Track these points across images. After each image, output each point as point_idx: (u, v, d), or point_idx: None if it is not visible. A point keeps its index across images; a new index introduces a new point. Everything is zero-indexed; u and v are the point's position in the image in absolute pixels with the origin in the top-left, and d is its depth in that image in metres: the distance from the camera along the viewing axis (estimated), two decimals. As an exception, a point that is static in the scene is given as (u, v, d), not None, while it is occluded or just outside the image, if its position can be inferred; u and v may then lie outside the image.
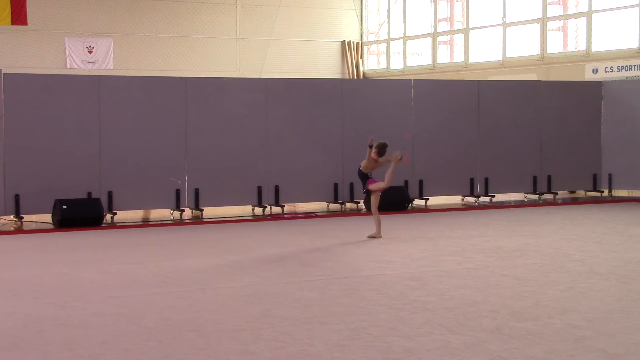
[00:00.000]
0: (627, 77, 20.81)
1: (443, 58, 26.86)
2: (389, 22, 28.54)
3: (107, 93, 14.41)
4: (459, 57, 26.25)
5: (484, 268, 9.40)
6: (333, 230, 13.01)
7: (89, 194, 14.00)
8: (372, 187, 11.95)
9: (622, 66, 21.20)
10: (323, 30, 28.62)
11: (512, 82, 19.34)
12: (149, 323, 6.84)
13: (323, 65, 28.30)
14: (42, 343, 6.25)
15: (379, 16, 29.36)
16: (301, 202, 16.28)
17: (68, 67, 24.43)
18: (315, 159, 15.78)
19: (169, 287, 8.42)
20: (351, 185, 15.88)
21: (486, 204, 16.84)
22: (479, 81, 18.20)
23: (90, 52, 24.81)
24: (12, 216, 13.78)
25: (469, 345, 6.14)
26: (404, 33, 27.88)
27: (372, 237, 11.96)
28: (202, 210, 14.87)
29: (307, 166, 15.68)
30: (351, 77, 28.16)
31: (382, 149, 11.85)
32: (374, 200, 12.04)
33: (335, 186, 15.90)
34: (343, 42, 29.01)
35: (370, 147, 11.90)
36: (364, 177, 12.03)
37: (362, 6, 29.37)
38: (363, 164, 11.99)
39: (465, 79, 20.75)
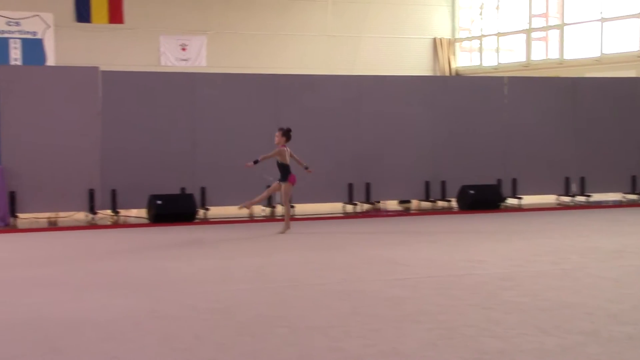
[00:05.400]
0: None
1: (537, 54, 26.35)
2: (481, 18, 28.16)
3: (201, 90, 14.62)
4: (554, 54, 25.71)
5: (581, 269, 9.16)
6: (424, 227, 12.92)
7: (183, 189, 14.24)
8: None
9: None
10: (414, 27, 28.39)
11: (610, 79, 18.82)
12: (241, 318, 6.90)
13: (414, 62, 28.08)
14: (138, 335, 6.37)
15: (471, 12, 28.99)
16: (392, 199, 16.23)
17: (162, 64, 24.88)
18: (407, 156, 15.68)
19: (261, 283, 8.48)
20: (442, 184, 15.74)
21: (582, 203, 16.44)
22: (574, 78, 17.80)
23: (183, 49, 25.22)
24: (109, 210, 14.11)
25: (565, 347, 5.99)
26: (497, 29, 27.46)
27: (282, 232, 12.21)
28: (294, 207, 14.91)
29: (400, 164, 15.60)
30: (443, 74, 27.89)
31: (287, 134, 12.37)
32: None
33: (427, 184, 15.77)
34: (434, 39, 28.75)
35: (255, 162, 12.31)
36: (288, 171, 12.26)
37: (453, 2, 29.05)
38: (282, 158, 12.26)
39: (560, 76, 20.29)
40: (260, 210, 15.09)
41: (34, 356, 5.83)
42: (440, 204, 16.01)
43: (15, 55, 23.45)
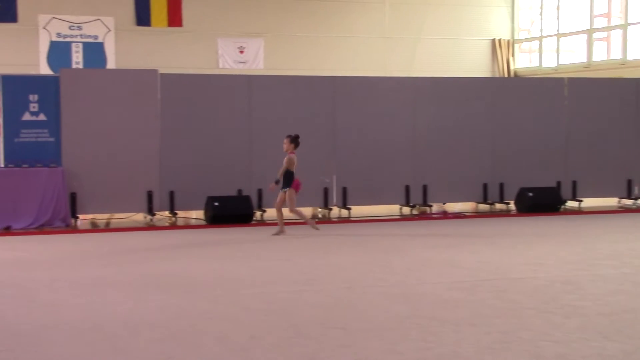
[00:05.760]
0: None
1: (599, 55, 25.90)
2: (541, 19, 27.79)
3: (257, 92, 14.68)
4: (616, 54, 25.25)
5: (643, 273, 8.97)
6: (481, 230, 12.78)
7: (240, 191, 14.30)
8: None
9: None
10: (472, 28, 28.12)
11: (674, 79, 18.39)
12: (296, 319, 6.89)
13: (472, 63, 27.81)
14: (195, 336, 6.40)
15: (531, 13, 28.63)
16: (449, 201, 16.10)
17: (220, 67, 25.05)
18: (465, 158, 15.55)
19: (316, 284, 8.47)
20: (501, 186, 15.57)
21: (644, 206, 16.13)
22: (637, 79, 17.45)
23: (241, 52, 25.36)
24: (167, 212, 14.24)
25: (628, 353, 5.85)
26: (558, 30, 27.07)
27: (277, 234, 12.20)
28: (350, 208, 14.91)
29: (455, 166, 15.47)
30: (502, 76, 27.59)
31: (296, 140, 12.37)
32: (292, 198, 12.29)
33: (485, 186, 15.61)
34: (493, 40, 28.45)
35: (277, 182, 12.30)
36: (292, 178, 12.21)
37: (513, 3, 28.71)
38: (290, 164, 12.18)
39: (622, 77, 19.90)
40: (316, 212, 15.11)
41: (93, 356, 5.90)
42: (499, 206, 15.84)
43: (77, 58, 23.86)
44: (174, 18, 24.23)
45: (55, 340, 6.26)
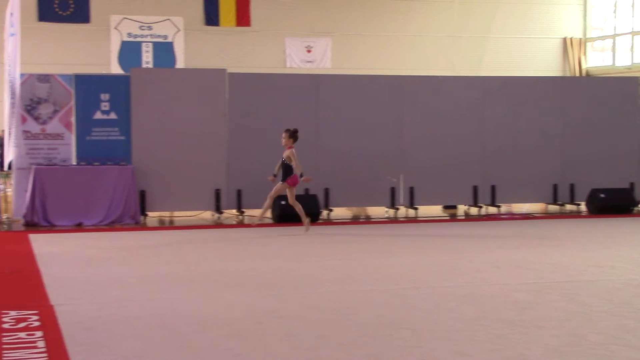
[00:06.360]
0: None
1: (675, 53, 25.25)
2: (615, 17, 27.23)
3: (324, 92, 14.69)
4: (691, 52, 24.60)
5: None
6: (551, 231, 12.58)
7: (307, 190, 14.32)
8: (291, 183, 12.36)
9: None
10: (543, 27, 27.71)
11: None
12: (363, 319, 6.86)
13: (543, 62, 27.42)
14: (262, 333, 6.43)
15: (604, 10, 28.07)
16: (518, 202, 15.90)
17: (287, 66, 25.16)
18: (535, 158, 15.32)
19: (382, 284, 8.43)
20: (571, 187, 15.30)
21: None
22: None
23: (309, 51, 25.43)
24: (234, 210, 14.35)
25: (703, 359, 5.69)
26: (632, 28, 26.49)
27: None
28: (417, 208, 14.82)
29: (524, 166, 15.26)
30: (573, 75, 27.13)
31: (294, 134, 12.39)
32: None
33: (555, 187, 15.36)
34: (564, 39, 28.00)
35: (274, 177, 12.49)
36: (290, 172, 12.23)
37: (585, 1, 28.20)
38: (292, 158, 12.20)
39: (698, 75, 19.39)
40: (383, 212, 15.07)
41: (162, 352, 5.96)
42: (569, 207, 15.58)
43: (147, 58, 24.22)
44: (242, 18, 24.43)
45: (125, 336, 6.35)
